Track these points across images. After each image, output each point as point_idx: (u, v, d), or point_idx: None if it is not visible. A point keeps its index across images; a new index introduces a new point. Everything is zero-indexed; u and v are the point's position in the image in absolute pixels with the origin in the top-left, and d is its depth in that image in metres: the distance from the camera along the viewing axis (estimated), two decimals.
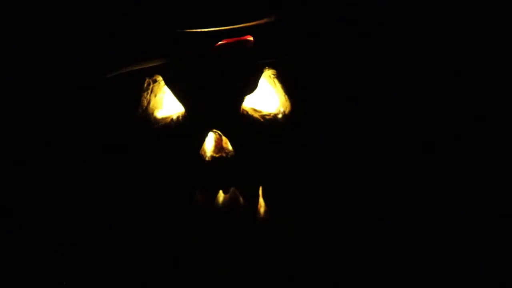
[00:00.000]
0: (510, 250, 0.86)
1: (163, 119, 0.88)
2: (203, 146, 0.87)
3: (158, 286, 0.84)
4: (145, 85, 0.87)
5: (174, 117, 0.87)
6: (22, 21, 0.94)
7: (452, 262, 0.85)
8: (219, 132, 0.86)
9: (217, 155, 0.87)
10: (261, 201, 0.92)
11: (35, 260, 0.88)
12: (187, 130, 0.86)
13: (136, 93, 0.87)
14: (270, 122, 0.88)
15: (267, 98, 0.90)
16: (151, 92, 0.88)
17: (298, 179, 0.94)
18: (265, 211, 0.92)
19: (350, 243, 0.89)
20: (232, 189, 0.91)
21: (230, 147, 0.86)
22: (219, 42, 0.85)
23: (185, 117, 0.86)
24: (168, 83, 0.86)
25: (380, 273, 0.84)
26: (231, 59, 0.86)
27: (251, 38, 0.86)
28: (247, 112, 0.87)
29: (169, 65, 0.86)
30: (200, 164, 0.87)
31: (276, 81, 0.88)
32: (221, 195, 0.91)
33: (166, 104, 0.89)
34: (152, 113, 0.89)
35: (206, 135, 0.86)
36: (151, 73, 0.87)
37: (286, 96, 0.89)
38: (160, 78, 0.87)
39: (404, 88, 1.00)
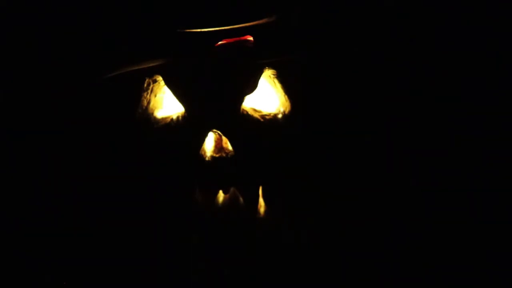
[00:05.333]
0: (510, 250, 0.87)
1: (163, 119, 0.88)
2: (203, 146, 0.87)
3: (158, 286, 0.84)
4: (145, 85, 0.87)
5: (174, 117, 0.87)
6: (22, 21, 0.94)
7: (452, 262, 0.85)
8: (219, 132, 0.86)
9: (217, 155, 0.87)
10: (261, 201, 0.92)
11: (35, 260, 0.88)
12: (187, 130, 0.86)
13: (136, 93, 0.87)
14: (270, 122, 0.88)
15: (267, 98, 0.90)
16: (151, 92, 0.88)
17: (298, 179, 0.94)
18: (265, 211, 0.92)
19: (350, 243, 0.89)
20: (232, 189, 0.90)
21: (230, 147, 0.86)
22: (219, 42, 0.85)
23: (185, 117, 0.86)
24: (168, 83, 0.86)
25: (380, 273, 0.84)
26: (231, 59, 0.86)
27: (251, 38, 0.87)
28: (247, 112, 0.87)
29: (169, 65, 0.86)
30: (200, 164, 0.87)
31: (276, 81, 0.88)
32: (221, 195, 0.91)
33: (166, 104, 0.89)
34: (152, 113, 0.89)
35: (206, 135, 0.86)
36: (151, 73, 0.87)
37: (286, 96, 0.89)
38: (160, 78, 0.87)
39: (405, 88, 1.00)
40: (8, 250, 0.90)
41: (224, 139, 0.87)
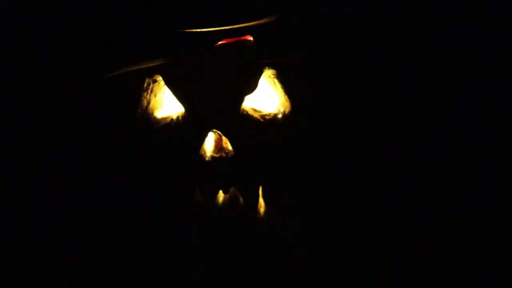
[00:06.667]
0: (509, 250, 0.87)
1: (163, 119, 0.88)
2: (203, 146, 0.87)
3: (158, 286, 0.84)
4: (145, 85, 0.87)
5: (174, 117, 0.87)
6: (22, 21, 0.94)
7: (453, 263, 0.85)
8: (219, 132, 0.86)
9: (217, 155, 0.87)
10: (261, 201, 0.92)
11: (35, 260, 0.88)
12: (187, 130, 0.86)
13: (136, 93, 0.87)
14: (270, 122, 0.88)
15: (267, 98, 0.90)
16: (151, 92, 0.88)
17: (298, 179, 0.94)
18: (265, 211, 0.92)
19: (350, 243, 0.89)
20: (232, 189, 0.91)
21: (230, 147, 0.86)
22: (219, 42, 0.85)
23: (185, 117, 0.86)
24: (168, 83, 0.86)
25: (380, 274, 0.84)
26: (231, 59, 0.86)
27: (251, 38, 0.87)
28: (247, 112, 0.88)
29: (169, 65, 0.86)
30: (200, 164, 0.87)
31: (276, 81, 0.88)
32: (221, 195, 0.91)
33: (166, 104, 0.89)
34: (152, 113, 0.89)
35: (206, 135, 0.86)
36: (151, 73, 0.87)
37: (286, 96, 0.89)
38: (160, 78, 0.87)
39: (405, 88, 1.00)
40: (8, 250, 0.90)
41: (224, 139, 0.87)
